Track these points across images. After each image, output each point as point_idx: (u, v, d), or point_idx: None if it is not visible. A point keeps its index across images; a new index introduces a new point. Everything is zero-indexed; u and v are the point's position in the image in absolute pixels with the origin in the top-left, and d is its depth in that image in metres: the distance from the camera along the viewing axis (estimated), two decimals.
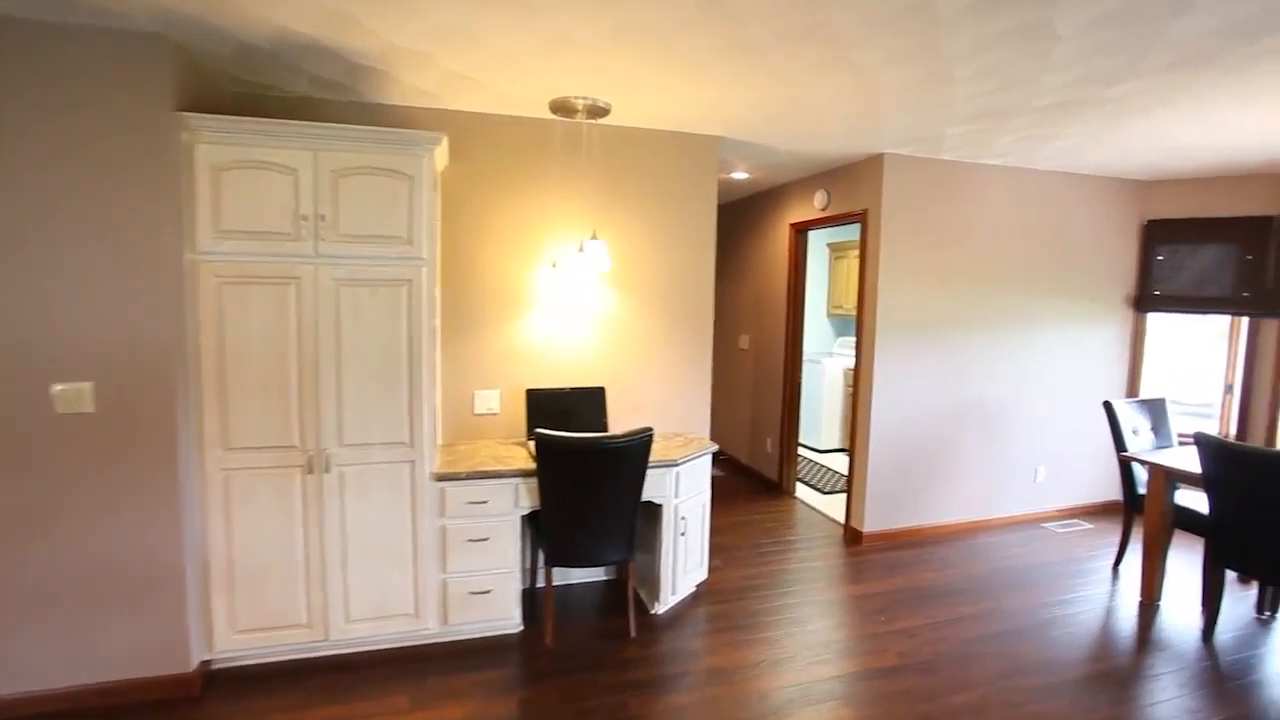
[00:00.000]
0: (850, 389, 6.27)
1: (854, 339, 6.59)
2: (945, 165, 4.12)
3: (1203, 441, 3.03)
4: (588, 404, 3.41)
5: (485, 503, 2.84)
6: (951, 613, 3.27)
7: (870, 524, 4.19)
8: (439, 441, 3.24)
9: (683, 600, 3.32)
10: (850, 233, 6.52)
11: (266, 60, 2.61)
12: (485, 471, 2.83)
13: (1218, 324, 4.75)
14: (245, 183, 2.46)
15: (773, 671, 2.75)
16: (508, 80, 2.81)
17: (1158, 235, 4.69)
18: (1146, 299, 4.76)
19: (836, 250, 6.78)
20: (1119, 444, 3.78)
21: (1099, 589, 3.61)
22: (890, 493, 4.22)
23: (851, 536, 4.25)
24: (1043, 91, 2.74)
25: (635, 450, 2.75)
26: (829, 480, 5.53)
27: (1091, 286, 4.67)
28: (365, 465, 2.68)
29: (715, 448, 3.39)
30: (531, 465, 2.86)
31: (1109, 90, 2.72)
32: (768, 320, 5.45)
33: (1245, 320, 4.58)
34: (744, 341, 5.88)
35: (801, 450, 6.26)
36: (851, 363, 6.32)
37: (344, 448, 2.64)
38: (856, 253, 6.32)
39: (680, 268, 3.64)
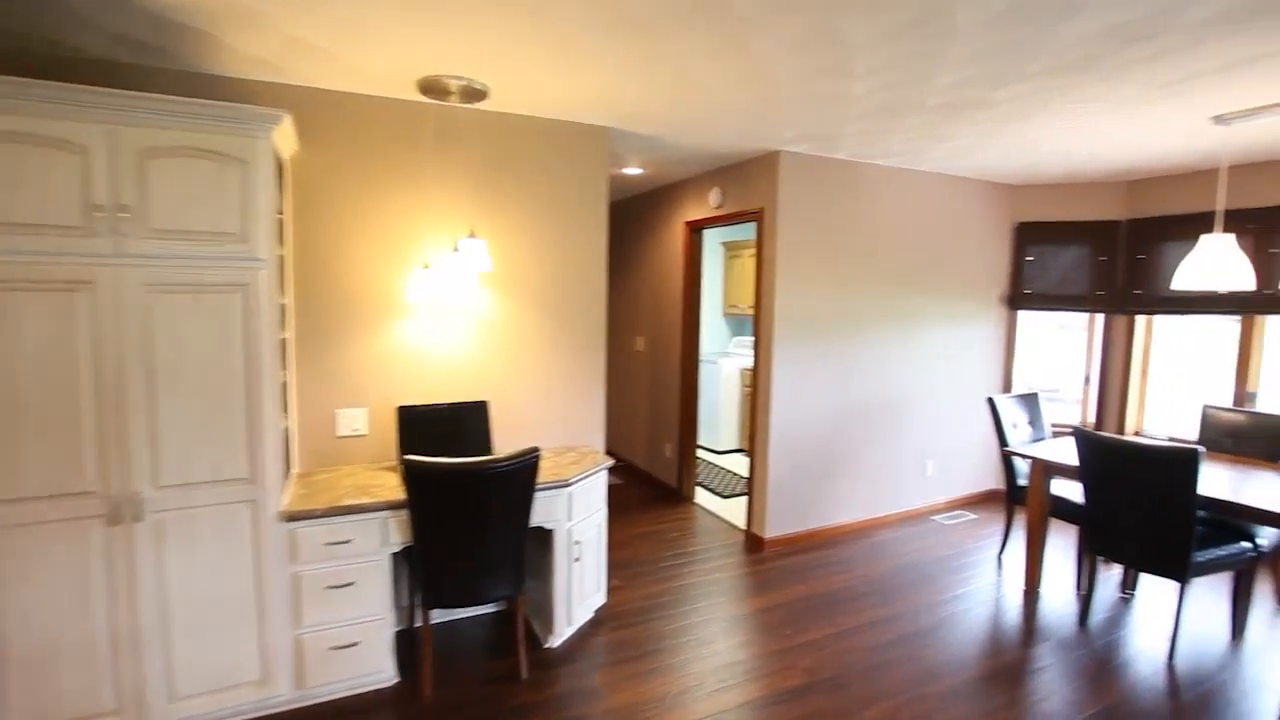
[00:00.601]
0: (747, 389, 6.25)
1: (751, 338, 6.63)
2: (840, 164, 4.11)
3: (1080, 435, 3.14)
4: (469, 421, 3.07)
5: (348, 542, 2.44)
6: (856, 619, 3.22)
7: (772, 529, 4.12)
8: (295, 471, 2.79)
9: (580, 630, 3.07)
10: (745, 232, 6.50)
11: (52, 5, 2.08)
12: (347, 506, 2.43)
13: (1079, 319, 5.09)
14: (12, 162, 1.93)
15: (678, 706, 2.54)
16: (363, 51, 2.42)
17: (1027, 237, 4.94)
18: (1018, 297, 5.01)
19: (732, 249, 6.75)
20: (1002, 439, 3.91)
21: (987, 579, 3.71)
22: (791, 495, 4.17)
23: (753, 543, 4.16)
24: (937, 90, 2.71)
25: (521, 474, 2.45)
26: (729, 483, 5.46)
27: (972, 286, 4.85)
28: (191, 509, 2.21)
29: (610, 463, 3.16)
30: (403, 494, 2.50)
31: (996, 93, 2.72)
32: (664, 321, 5.30)
33: (1101, 316, 4.92)
34: (640, 343, 5.70)
35: (700, 452, 6.18)
36: (748, 362, 6.31)
37: (161, 490, 2.16)
38: (752, 252, 6.32)
39: (570, 268, 3.37)
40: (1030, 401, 4.19)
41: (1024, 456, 3.59)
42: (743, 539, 4.26)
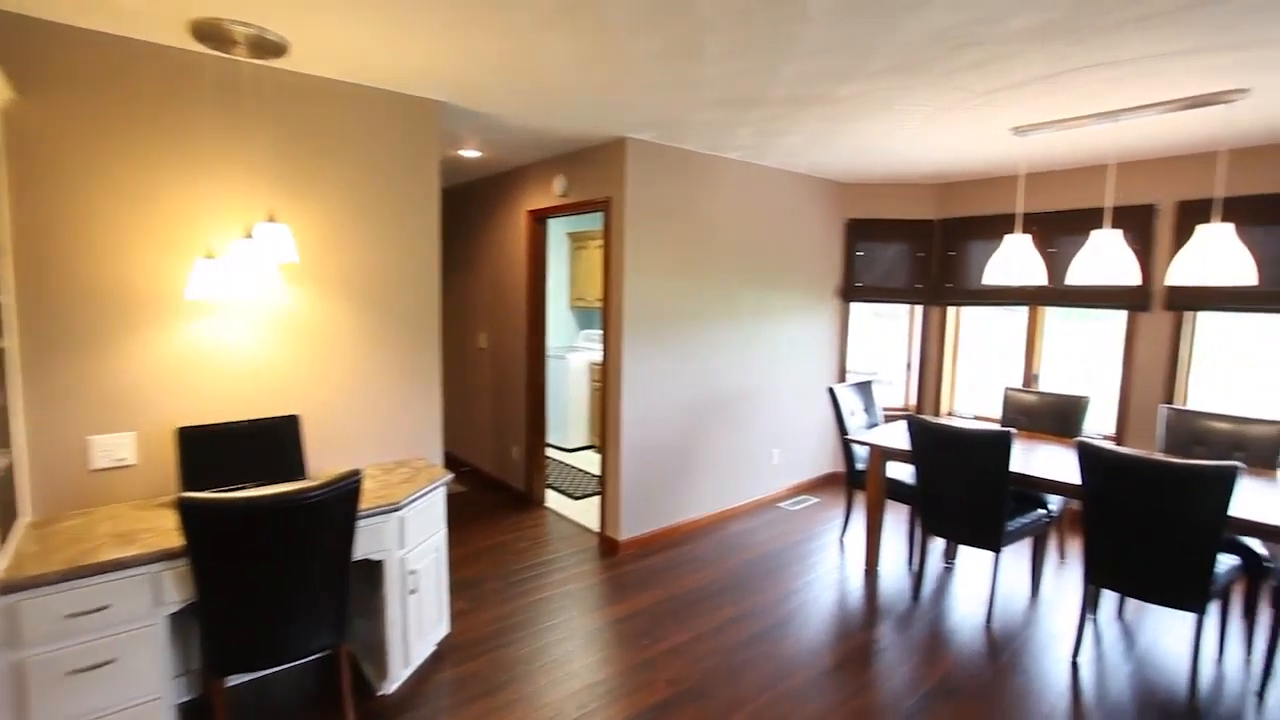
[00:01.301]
0: (597, 384, 6.10)
1: (599, 332, 6.48)
2: (687, 155, 4.04)
3: (912, 422, 3.32)
4: (276, 440, 2.58)
5: (103, 609, 1.91)
6: (713, 620, 3.17)
7: (626, 530, 3.99)
8: (24, 520, 2.16)
9: (420, 669, 2.71)
10: (591, 222, 6.32)
11: None
12: (99, 564, 1.89)
13: (896, 310, 5.50)
14: None
15: None
16: None
17: (857, 233, 5.24)
18: (850, 290, 5.31)
19: (578, 240, 6.54)
20: (843, 428, 4.08)
21: (832, 562, 3.86)
22: (645, 494, 4.07)
23: (608, 546, 4.01)
24: (785, 80, 2.67)
25: (337, 503, 2.06)
26: (580, 483, 5.27)
27: (810, 279, 5.05)
28: None
29: (449, 477, 2.82)
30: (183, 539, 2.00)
31: (840, 89, 2.74)
32: (507, 316, 4.97)
33: (919, 308, 5.36)
34: (482, 340, 5.32)
35: (549, 451, 5.93)
36: (597, 356, 6.16)
37: None
38: (599, 243, 6.15)
39: (397, 259, 2.97)
40: (865, 389, 4.43)
41: (864, 444, 3.76)
42: (597, 543, 4.09)
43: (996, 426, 3.59)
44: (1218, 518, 2.43)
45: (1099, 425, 4.44)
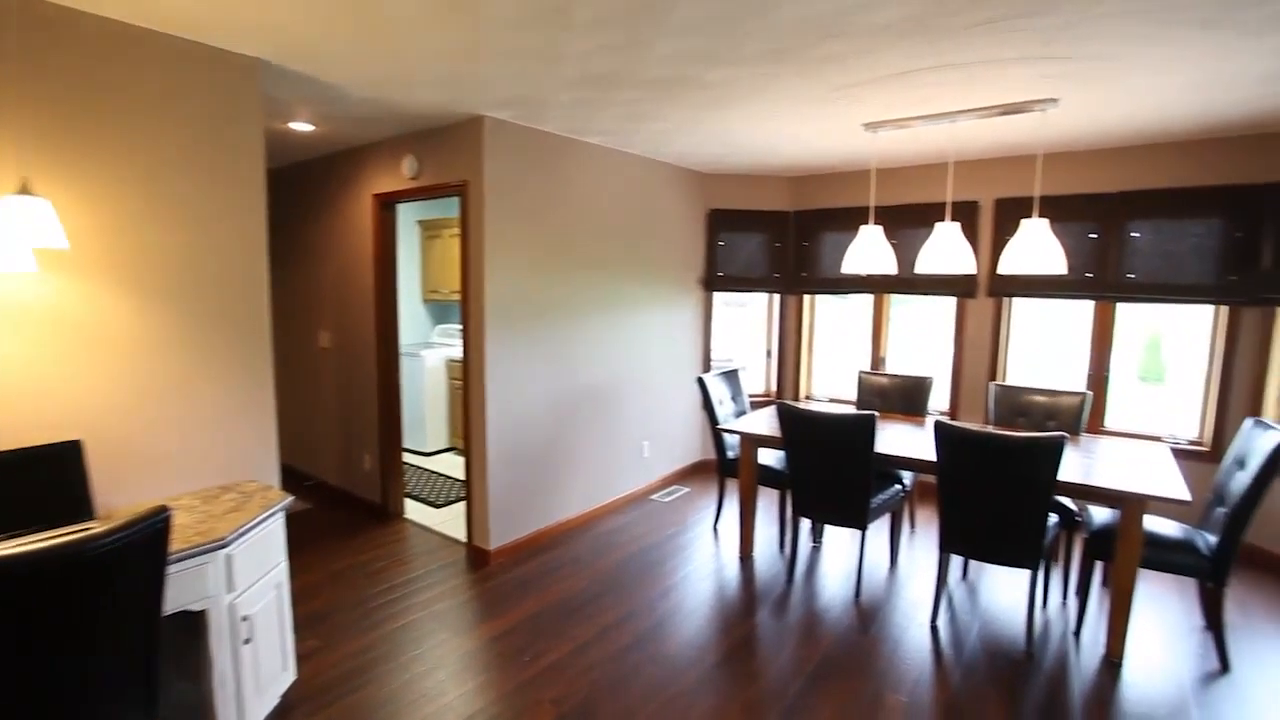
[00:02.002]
0: (456, 382, 5.71)
1: (458, 327, 6.08)
2: (550, 139, 3.82)
3: (781, 409, 3.38)
4: (49, 474, 2.05)
5: None
6: (595, 626, 3.03)
7: (496, 538, 3.73)
8: None
9: None
10: (445, 208, 5.89)
11: None
12: None
13: (753, 298, 5.67)
14: None
15: None
16: None
17: (718, 223, 5.31)
18: (713, 279, 5.37)
19: (430, 228, 6.07)
20: (713, 418, 4.10)
21: (707, 552, 3.87)
22: (514, 497, 3.83)
23: (477, 557, 3.73)
24: (657, 59, 2.54)
25: (138, 549, 1.65)
26: (443, 490, 4.90)
27: (676, 269, 5.04)
28: None
29: (288, 500, 2.42)
30: None
31: (711, 73, 2.67)
32: (353, 311, 4.47)
33: (777, 297, 5.55)
34: (324, 339, 4.76)
35: (406, 457, 5.47)
36: (455, 353, 5.77)
37: None
38: (454, 231, 5.74)
39: (213, 246, 2.49)
40: (732, 378, 4.49)
41: (735, 433, 3.79)
42: (465, 554, 3.80)
43: (853, 409, 3.77)
44: (1049, 482, 2.68)
45: (937, 403, 4.85)
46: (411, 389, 5.53)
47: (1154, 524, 2.92)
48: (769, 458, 3.99)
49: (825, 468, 3.31)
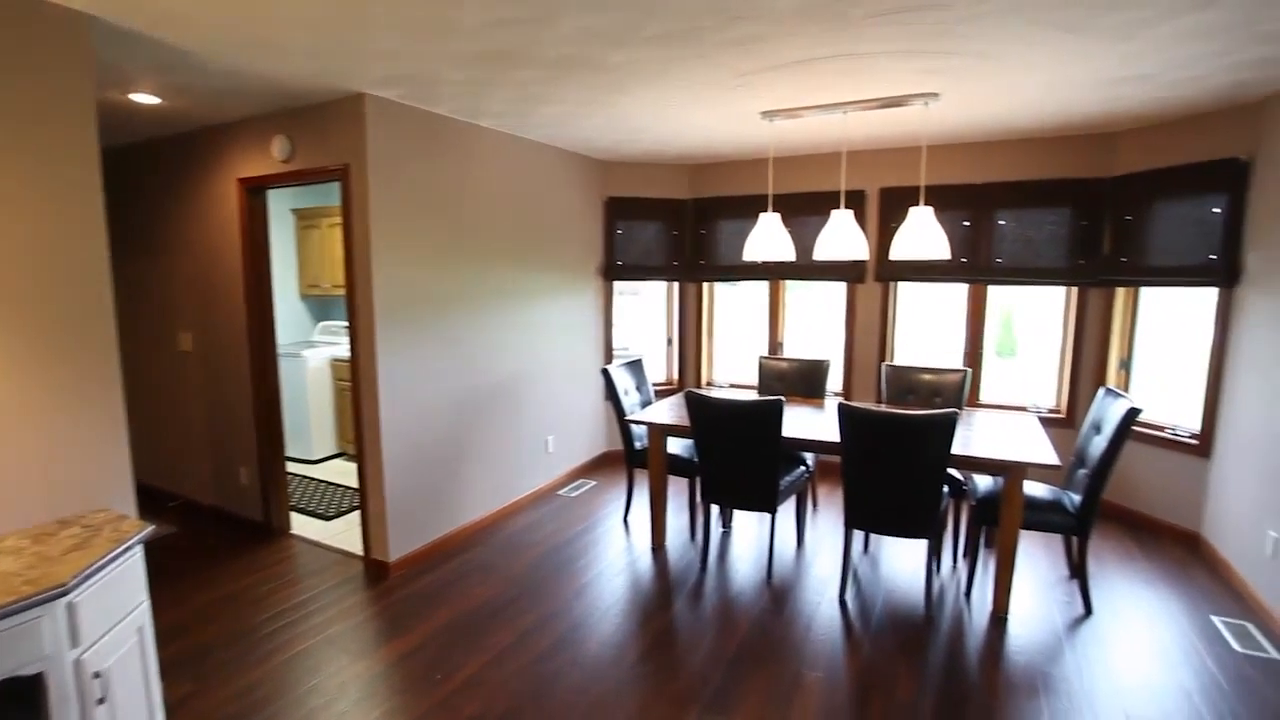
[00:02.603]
0: (343, 383, 5.31)
1: (343, 323, 5.63)
2: (440, 121, 3.57)
3: (690, 397, 3.37)
4: None
5: None
6: (509, 634, 2.90)
7: (397, 548, 3.49)
8: None
9: None
10: (322, 195, 5.43)
11: None
12: None
13: (648, 287, 5.66)
14: None
15: None
16: None
17: (616, 212, 5.23)
18: (611, 269, 5.30)
19: (306, 217, 5.57)
20: (619, 408, 4.04)
21: (619, 545, 3.82)
22: (414, 503, 3.59)
23: (376, 570, 3.47)
24: (557, 37, 2.41)
25: None
26: (333, 499, 4.54)
27: (574, 259, 4.92)
28: None
29: (148, 530, 2.10)
30: None
31: (612, 54, 2.58)
32: (219, 309, 4.01)
33: (676, 285, 5.56)
34: (185, 341, 4.24)
35: (290, 466, 5.01)
36: (340, 351, 5.36)
37: None
38: (333, 220, 5.32)
39: (29, 234, 2.11)
40: (636, 368, 4.45)
41: (644, 423, 3.75)
42: (362, 569, 3.52)
43: (755, 394, 3.85)
44: (945, 456, 2.84)
45: (831, 384, 5.06)
46: (293, 392, 5.07)
47: (1029, 488, 3.17)
48: (677, 446, 4.00)
49: (735, 454, 3.34)
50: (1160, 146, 3.81)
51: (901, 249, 3.30)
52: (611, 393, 4.05)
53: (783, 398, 3.20)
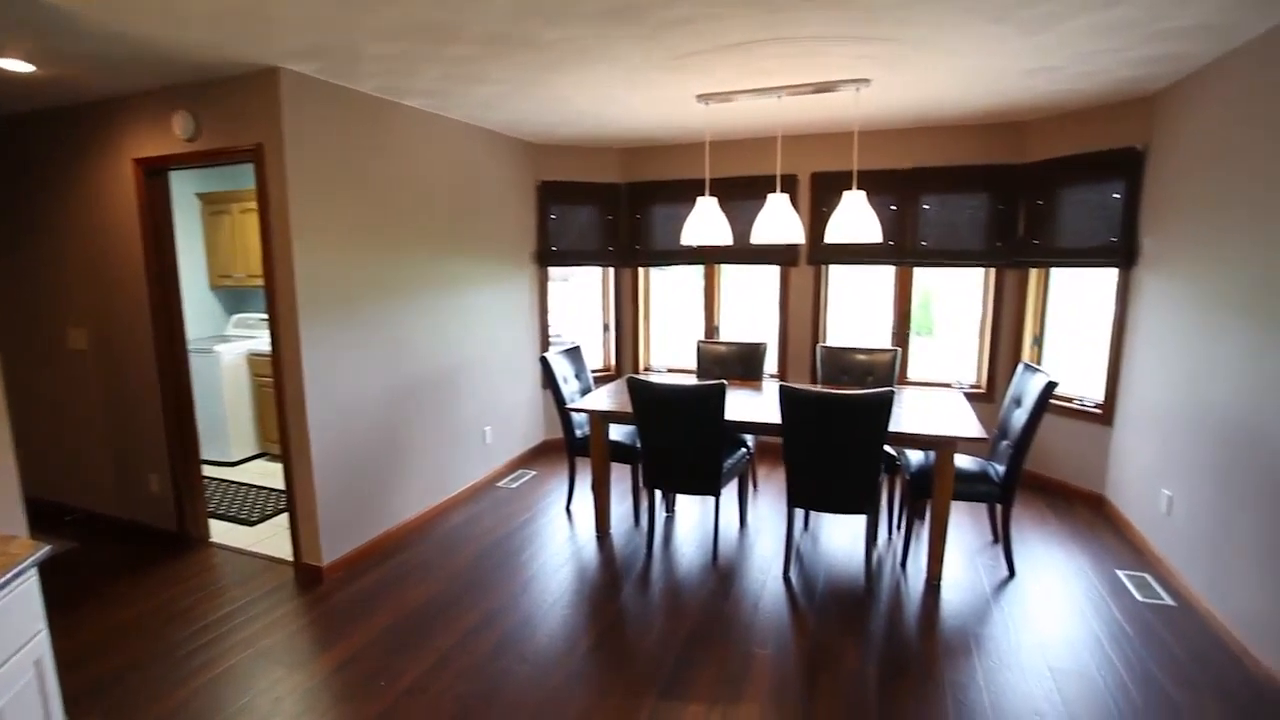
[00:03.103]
0: (262, 378, 5.00)
1: (260, 316, 5.27)
2: (364, 100, 3.37)
3: (633, 383, 3.35)
4: None
5: None
6: (454, 634, 2.81)
7: (330, 551, 3.32)
8: None
9: None
10: (231, 178, 5.05)
11: None
12: None
13: (585, 273, 5.59)
14: None
15: None
16: None
17: (549, 196, 5.11)
18: (546, 254, 5.19)
19: (213, 202, 5.17)
20: (559, 396, 3.97)
21: (563, 535, 3.77)
22: (347, 502, 3.43)
23: (309, 576, 3.29)
24: (489, 11, 2.30)
25: None
26: (257, 503, 4.27)
27: (508, 245, 4.78)
28: None
29: (42, 551, 1.89)
30: None
31: (548, 31, 2.48)
32: (118, 303, 3.67)
33: (612, 271, 5.51)
34: (77, 338, 3.86)
35: (206, 469, 4.68)
36: (258, 345, 5.04)
37: None
38: (245, 205, 4.98)
39: None
40: (575, 355, 4.38)
41: (585, 411, 3.70)
42: (292, 575, 3.33)
43: (694, 378, 3.87)
44: (883, 434, 2.93)
45: (767, 366, 5.15)
46: (206, 391, 4.72)
47: (957, 460, 3.33)
48: (618, 433, 3.97)
49: (679, 438, 3.35)
50: (1066, 135, 4.05)
51: (836, 232, 3.37)
52: (551, 381, 3.98)
53: (725, 381, 3.22)
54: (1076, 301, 4.34)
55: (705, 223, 3.60)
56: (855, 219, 3.32)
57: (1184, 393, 3.14)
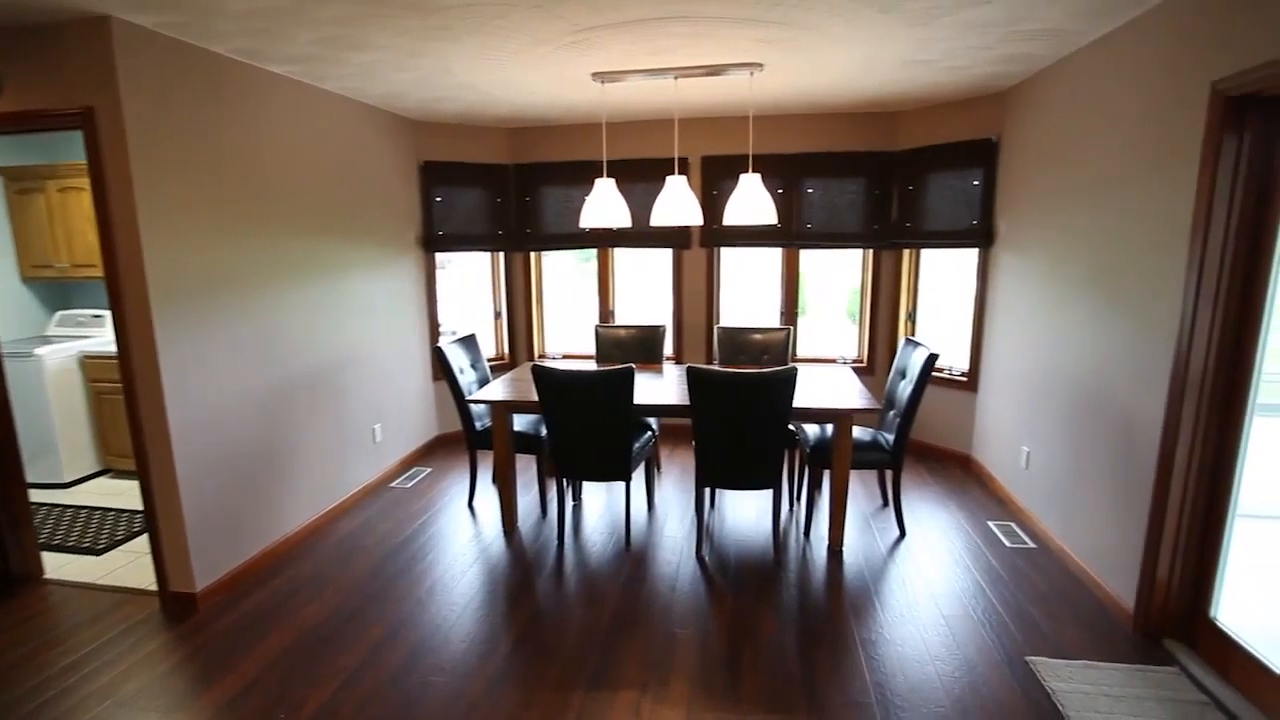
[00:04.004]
0: (97, 383, 4.35)
1: (94, 313, 4.54)
2: (223, 63, 2.96)
3: (537, 371, 3.24)
4: None
5: None
6: (360, 652, 2.59)
7: (204, 574, 2.95)
8: None
9: None
10: (46, 150, 4.32)
11: None
12: None
13: (473, 259, 5.35)
14: None
15: None
16: None
17: (433, 177, 4.81)
18: (433, 239, 4.89)
19: (19, 178, 4.38)
20: (456, 388, 3.77)
21: (467, 534, 3.60)
22: (222, 519, 3.06)
23: (179, 605, 2.91)
24: None
25: None
26: (103, 528, 3.72)
27: (390, 229, 4.45)
28: None
29: None
30: None
31: None
32: None
33: (503, 255, 5.31)
34: None
35: (34, 494, 4.00)
36: (91, 345, 4.38)
37: None
38: (65, 183, 4.30)
39: None
40: (470, 344, 4.18)
41: (487, 402, 3.54)
42: (159, 606, 2.93)
43: (594, 365, 3.82)
44: (788, 410, 3.03)
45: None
46: (28, 401, 4.02)
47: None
48: (520, 423, 3.85)
49: (588, 425, 3.29)
50: (933, 126, 4.37)
51: (734, 214, 3.42)
52: (447, 372, 3.77)
53: (633, 365, 3.19)
54: (945, 279, 4.73)
55: (604, 205, 3.54)
56: (752, 201, 3.39)
57: (1038, 359, 3.51)
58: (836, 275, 5.48)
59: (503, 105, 4.18)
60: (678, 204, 3.47)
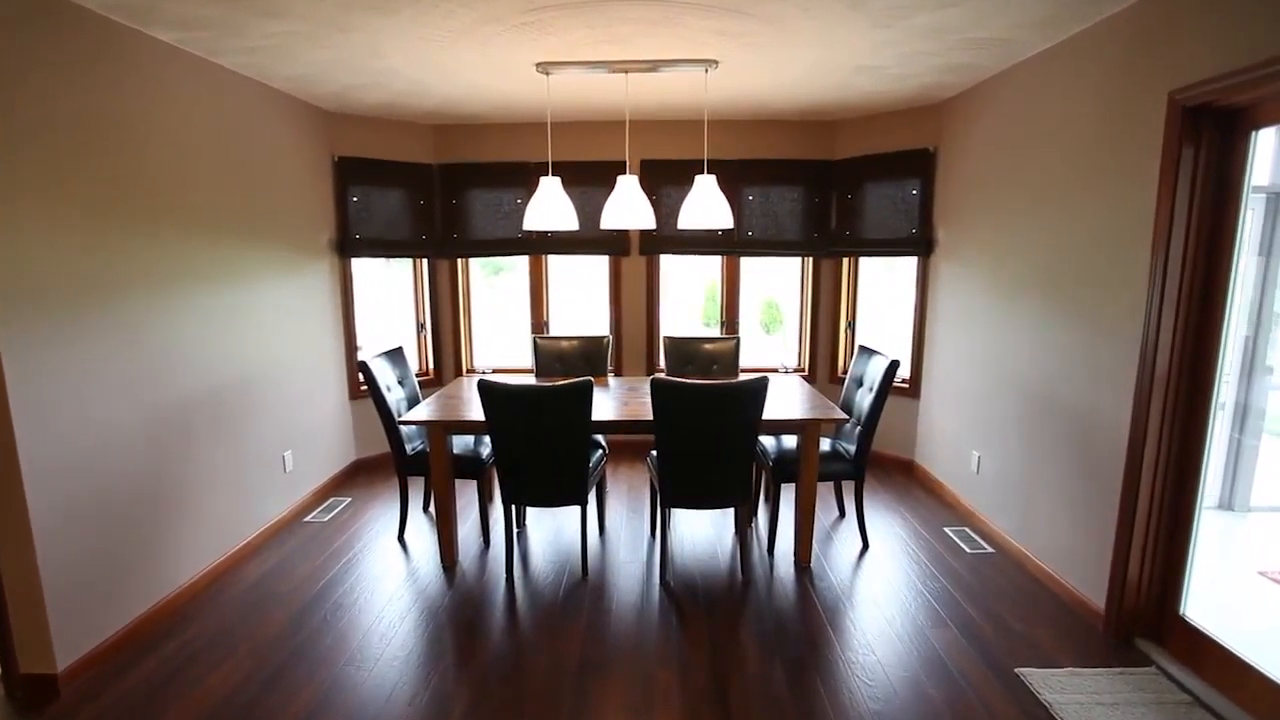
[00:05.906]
0: None
1: None
2: (94, 21, 2.45)
3: (484, 387, 2.91)
4: None
5: None
6: None
7: (68, 649, 2.39)
8: None
9: None
10: None
11: None
12: None
13: (383, 266, 4.90)
14: None
15: None
16: None
17: (349, 175, 4.34)
18: (348, 243, 4.41)
19: None
20: (385, 409, 3.36)
21: (399, 573, 3.19)
22: (94, 576, 2.51)
23: (34, 691, 2.33)
24: None
25: None
26: None
27: (300, 231, 3.95)
28: None
29: None
30: None
31: None
32: None
33: (426, 262, 4.89)
34: None
35: None
36: None
37: None
38: None
39: None
40: (398, 358, 3.77)
41: (423, 423, 3.16)
42: (2, 693, 2.34)
43: (532, 379, 3.54)
44: (757, 421, 2.87)
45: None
46: None
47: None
48: (458, 445, 3.48)
49: (541, 445, 2.98)
50: (871, 136, 4.41)
51: (689, 217, 3.25)
52: (373, 390, 3.35)
53: (590, 379, 2.93)
54: (884, 287, 4.78)
55: (550, 206, 3.27)
56: (707, 204, 3.23)
57: (986, 365, 3.55)
58: (754, 287, 5.43)
59: (433, 96, 3.82)
60: (630, 205, 3.26)
